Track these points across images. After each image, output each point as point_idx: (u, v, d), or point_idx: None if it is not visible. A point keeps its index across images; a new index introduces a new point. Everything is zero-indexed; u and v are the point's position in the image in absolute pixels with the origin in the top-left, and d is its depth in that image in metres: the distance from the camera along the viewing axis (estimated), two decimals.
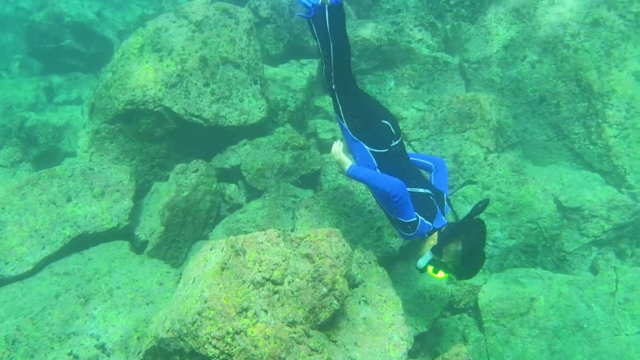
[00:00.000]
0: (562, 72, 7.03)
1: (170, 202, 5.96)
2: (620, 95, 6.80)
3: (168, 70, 6.40)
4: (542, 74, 7.17)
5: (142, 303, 5.21)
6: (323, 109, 7.65)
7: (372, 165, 4.67)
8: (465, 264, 4.21)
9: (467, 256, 4.18)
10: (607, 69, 6.84)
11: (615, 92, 6.80)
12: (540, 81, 7.19)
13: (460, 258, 4.19)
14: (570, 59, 6.96)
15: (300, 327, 4.01)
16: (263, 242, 4.24)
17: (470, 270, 4.25)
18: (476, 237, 4.20)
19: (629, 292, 6.08)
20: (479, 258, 4.22)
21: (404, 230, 4.45)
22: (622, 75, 6.84)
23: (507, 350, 5.75)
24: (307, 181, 6.81)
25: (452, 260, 4.25)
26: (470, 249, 4.17)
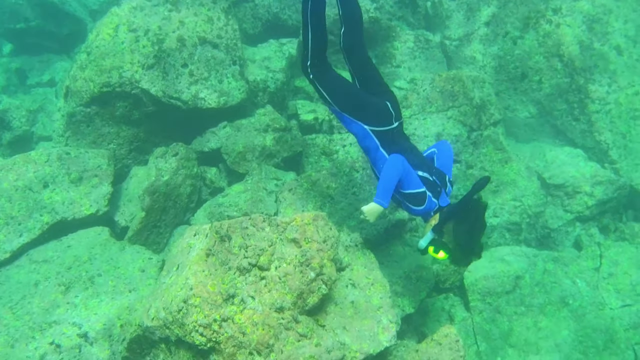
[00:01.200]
0: (544, 47, 7.00)
1: (150, 186, 5.84)
2: (603, 70, 6.80)
3: (144, 51, 6.24)
4: (524, 50, 7.14)
5: (124, 290, 5.13)
6: (303, 90, 7.54)
7: (373, 144, 4.55)
8: (464, 243, 4.16)
9: (465, 235, 4.14)
10: (590, 44, 6.83)
11: (598, 67, 6.80)
12: (522, 57, 7.17)
13: (459, 237, 4.15)
14: (552, 34, 6.93)
15: (289, 312, 3.96)
16: (248, 227, 4.16)
17: (469, 250, 4.21)
18: (475, 215, 4.15)
19: (612, 267, 6.13)
20: (477, 237, 4.18)
21: (414, 204, 4.35)
22: (604, 50, 6.84)
23: (493, 329, 5.77)
24: (289, 163, 6.72)
25: (451, 241, 4.20)
26: (468, 228, 4.13)
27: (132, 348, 4.34)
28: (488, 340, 5.75)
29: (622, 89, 6.87)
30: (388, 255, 5.84)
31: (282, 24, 7.96)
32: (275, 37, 7.84)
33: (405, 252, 5.89)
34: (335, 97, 4.65)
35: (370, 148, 4.58)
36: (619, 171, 6.69)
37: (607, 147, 6.77)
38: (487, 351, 5.72)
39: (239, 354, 3.84)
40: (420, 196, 4.30)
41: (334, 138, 6.71)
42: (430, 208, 4.36)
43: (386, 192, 4.18)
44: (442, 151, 4.87)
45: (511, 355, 5.71)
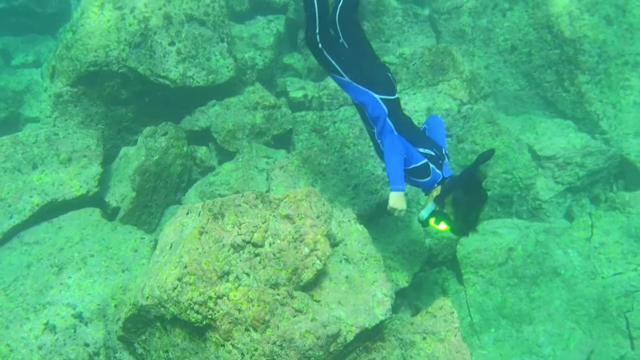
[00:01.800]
0: (534, 19, 6.97)
1: (140, 166, 5.80)
2: (592, 40, 6.78)
3: (131, 29, 6.17)
4: (514, 22, 7.11)
5: (117, 270, 5.12)
6: (292, 67, 7.50)
7: (382, 113, 4.49)
8: (463, 215, 4.15)
9: (465, 207, 4.13)
10: (579, 14, 6.80)
11: (587, 37, 6.78)
12: (511, 30, 7.14)
13: (459, 208, 4.14)
14: (542, 5, 6.89)
15: (284, 288, 3.97)
16: (241, 205, 4.14)
17: (468, 222, 4.19)
18: (475, 187, 4.13)
19: (604, 237, 6.16)
20: (477, 209, 4.17)
21: (419, 177, 4.35)
22: (593, 20, 6.82)
23: (486, 301, 5.80)
24: (279, 141, 6.69)
25: (452, 212, 4.18)
26: (469, 199, 4.12)
27: (127, 327, 4.35)
28: (481, 312, 5.79)
29: (611, 58, 6.86)
30: (380, 230, 5.84)
31: (269, 1, 7.88)
32: (263, 14, 7.78)
33: (397, 227, 5.89)
34: (345, 66, 4.59)
35: (380, 117, 4.51)
36: (610, 141, 6.70)
37: (597, 117, 6.77)
38: (481, 323, 5.76)
39: (235, 331, 3.85)
40: (423, 169, 4.30)
41: (324, 115, 6.68)
42: (435, 179, 4.35)
43: (398, 177, 4.19)
44: (434, 125, 4.86)
45: (504, 327, 5.75)
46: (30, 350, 4.53)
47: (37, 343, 4.58)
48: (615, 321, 5.82)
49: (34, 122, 7.39)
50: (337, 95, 6.71)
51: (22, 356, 4.51)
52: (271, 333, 3.84)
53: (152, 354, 4.27)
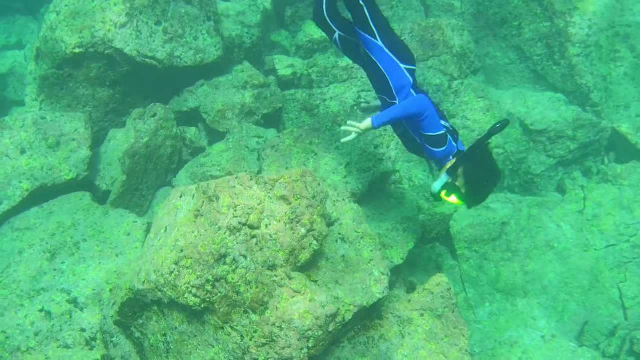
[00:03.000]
0: None
1: (130, 149, 5.74)
2: (583, 12, 6.75)
3: (116, 9, 6.05)
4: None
5: (111, 255, 5.08)
6: (280, 44, 7.42)
7: (408, 82, 4.46)
8: (475, 185, 4.11)
9: (476, 178, 4.09)
10: None
11: (578, 9, 6.75)
12: (501, 3, 7.08)
13: (470, 179, 4.10)
14: None
15: (281, 270, 3.95)
16: (236, 187, 4.10)
17: (479, 191, 4.15)
18: (486, 159, 4.10)
19: (596, 209, 6.21)
20: (488, 180, 4.13)
21: (436, 145, 4.27)
22: None
23: (481, 275, 5.84)
24: (269, 120, 6.64)
25: (463, 184, 4.14)
26: (478, 171, 4.08)
27: (123, 312, 4.32)
28: (476, 287, 5.84)
29: (602, 30, 6.84)
30: (374, 208, 5.84)
31: None
32: None
33: (390, 205, 5.89)
34: (380, 29, 4.55)
35: (404, 87, 4.46)
36: (601, 114, 6.72)
37: (588, 90, 6.77)
38: (476, 298, 5.81)
39: (233, 313, 3.84)
40: (441, 138, 4.23)
41: (314, 93, 6.63)
42: (451, 151, 4.29)
43: (389, 117, 4.17)
44: None
45: (499, 300, 5.80)
46: (27, 337, 4.51)
47: (33, 329, 4.56)
48: (608, 292, 5.89)
49: (19, 106, 7.29)
50: (327, 73, 6.66)
51: (19, 343, 4.49)
52: (270, 314, 3.82)
53: (150, 337, 4.25)
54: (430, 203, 6.19)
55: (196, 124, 6.50)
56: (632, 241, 6.05)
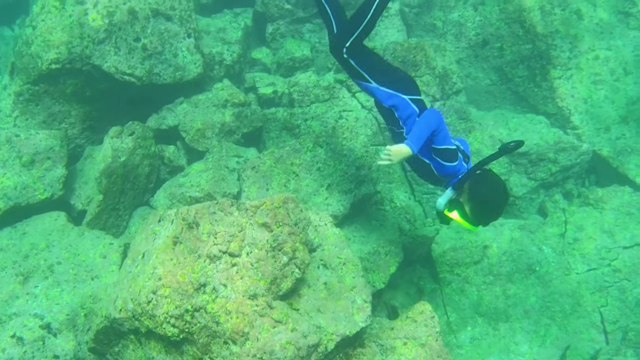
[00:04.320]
0: (506, 13, 6.92)
1: (107, 168, 5.60)
2: (564, 35, 6.77)
3: (94, 25, 5.94)
4: (485, 16, 7.05)
5: (86, 278, 4.96)
6: (260, 61, 7.34)
7: (414, 112, 4.38)
8: (479, 202, 3.98)
9: (481, 194, 3.97)
10: (550, 9, 6.78)
11: (559, 32, 6.76)
12: (483, 24, 7.08)
13: (475, 195, 3.99)
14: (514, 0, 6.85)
15: (263, 299, 3.86)
16: (216, 213, 4.01)
17: (484, 210, 4.00)
18: (493, 176, 4.02)
19: (577, 232, 6.21)
20: (494, 199, 3.99)
21: (447, 159, 4.16)
22: (565, 15, 6.80)
23: (463, 299, 5.80)
24: (249, 139, 6.56)
25: (467, 199, 4.02)
26: (484, 188, 3.97)
27: (99, 339, 4.21)
28: (458, 311, 5.79)
29: (582, 53, 6.87)
30: (355, 230, 5.78)
31: None
32: (229, 7, 7.59)
33: (372, 226, 5.84)
34: (373, 73, 4.52)
35: (411, 117, 4.38)
36: (582, 136, 6.72)
37: (569, 113, 6.78)
38: (457, 321, 5.76)
39: (213, 344, 3.74)
40: (453, 152, 4.15)
41: (295, 112, 6.56)
42: (461, 169, 4.18)
43: (419, 138, 4.01)
44: None
45: (481, 325, 5.76)
46: None
47: (5, 356, 4.43)
48: (590, 316, 5.88)
49: None
50: (308, 92, 6.60)
51: None
52: (251, 346, 3.72)
53: None
54: (412, 224, 6.15)
55: (175, 142, 6.39)
56: (613, 265, 6.05)
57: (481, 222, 4.07)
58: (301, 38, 7.43)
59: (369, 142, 6.21)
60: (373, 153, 5.99)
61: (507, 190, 4.03)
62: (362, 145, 5.96)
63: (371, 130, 6.48)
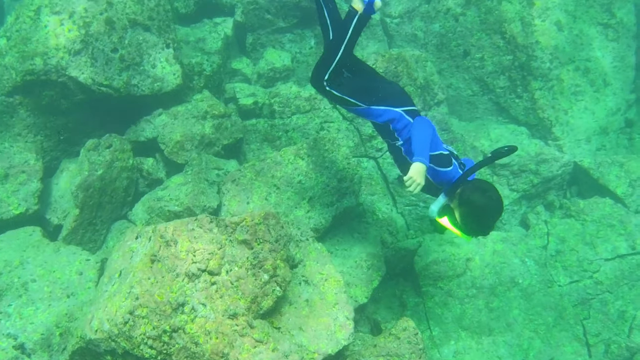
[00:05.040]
0: (486, 24, 6.90)
1: (83, 182, 5.49)
2: (544, 46, 6.76)
3: (70, 36, 5.82)
4: (466, 27, 7.02)
5: (61, 296, 4.83)
6: (240, 72, 7.25)
7: (409, 124, 4.25)
8: (470, 209, 3.82)
9: (471, 201, 3.80)
10: (531, 20, 6.77)
11: (539, 43, 6.75)
12: (464, 35, 7.05)
13: (465, 201, 3.83)
14: (494, 10, 6.83)
15: (243, 318, 3.77)
16: (195, 229, 3.93)
17: (474, 218, 3.85)
18: (486, 183, 3.91)
19: (560, 244, 6.20)
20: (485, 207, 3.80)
21: (441, 165, 4.04)
22: (545, 26, 6.80)
23: (445, 312, 5.75)
24: (230, 151, 6.46)
25: (458, 204, 3.88)
26: (476, 194, 3.81)
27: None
28: (441, 325, 5.74)
29: (563, 64, 6.87)
30: (337, 243, 5.72)
31: (216, 2, 7.60)
32: (209, 16, 7.49)
33: (354, 239, 5.78)
34: (359, 96, 4.43)
35: (406, 127, 4.27)
36: (563, 148, 6.72)
37: (550, 124, 6.77)
38: (441, 335, 5.70)
39: None
40: (446, 157, 4.06)
41: (276, 123, 6.49)
42: (456, 175, 4.06)
43: (424, 149, 3.84)
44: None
45: (464, 338, 5.71)
46: None
47: None
48: (572, 329, 5.86)
49: None
50: (289, 103, 6.53)
51: None
52: None
53: None
54: (394, 237, 6.10)
55: (154, 154, 6.28)
56: (595, 277, 6.05)
57: (471, 229, 3.92)
58: (282, 48, 7.37)
59: (350, 153, 6.14)
60: (355, 165, 5.92)
61: (499, 199, 3.85)
62: (344, 157, 5.88)
63: (353, 142, 6.43)
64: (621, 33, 7.26)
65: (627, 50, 7.29)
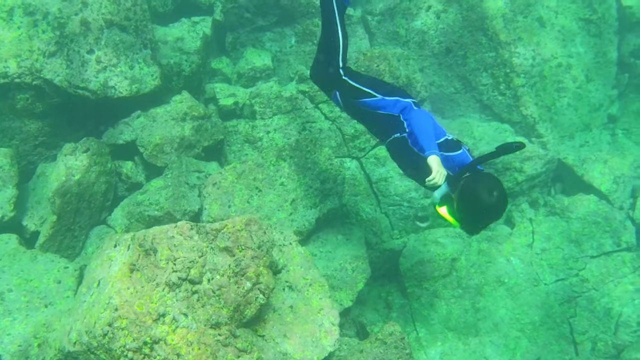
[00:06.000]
0: (468, 21, 6.83)
1: (60, 187, 5.35)
2: (527, 42, 6.74)
3: (45, 37, 5.68)
4: (448, 24, 6.95)
5: (39, 305, 4.70)
6: (220, 71, 7.13)
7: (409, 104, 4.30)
8: (469, 200, 3.64)
9: (473, 192, 3.62)
10: (513, 16, 6.73)
11: (522, 39, 6.72)
12: (446, 32, 6.98)
13: (466, 192, 3.65)
14: (476, 7, 6.76)
15: (226, 327, 3.68)
16: (175, 237, 3.82)
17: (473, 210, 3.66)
18: (491, 176, 3.75)
19: (545, 242, 6.18)
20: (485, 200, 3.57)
21: (450, 149, 3.98)
22: (527, 22, 6.77)
23: (432, 314, 5.70)
24: (210, 153, 6.35)
25: (457, 198, 3.69)
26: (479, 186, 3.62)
27: None
28: (427, 326, 5.69)
29: (546, 61, 6.83)
30: (321, 245, 5.64)
31: (194, 1, 7.46)
32: (187, 15, 7.34)
33: (338, 241, 5.71)
34: (374, 86, 4.44)
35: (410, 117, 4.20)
36: (547, 145, 6.69)
37: (533, 121, 6.73)
38: (427, 337, 5.66)
39: None
40: (453, 142, 4.04)
41: (257, 124, 6.38)
42: (466, 158, 3.99)
43: (432, 141, 3.80)
44: None
45: (451, 339, 5.66)
46: None
47: None
48: (559, 328, 5.84)
49: None
50: (271, 104, 6.43)
51: None
52: None
53: None
54: (378, 237, 6.05)
55: (132, 157, 6.15)
56: (580, 275, 6.03)
57: (468, 223, 3.76)
58: (262, 47, 7.26)
59: (333, 154, 6.06)
60: (338, 165, 5.84)
61: (504, 200, 3.63)
62: (327, 158, 5.81)
63: (335, 142, 6.35)
64: (603, 28, 7.24)
65: (609, 45, 7.27)
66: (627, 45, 7.40)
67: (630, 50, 7.40)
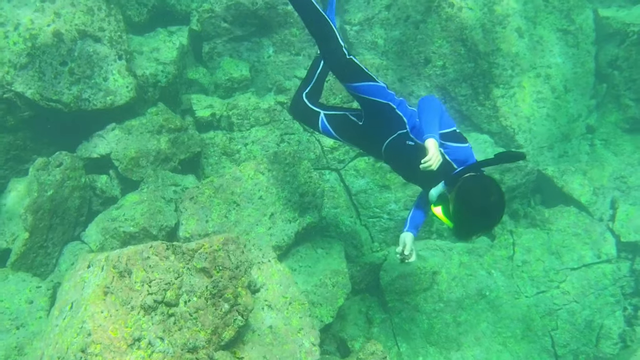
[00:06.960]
0: (447, 32, 6.79)
1: (32, 204, 5.21)
2: (505, 53, 6.71)
3: (16, 49, 5.54)
4: (427, 34, 6.89)
5: (10, 327, 4.57)
6: (197, 82, 7.02)
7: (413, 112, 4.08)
8: (464, 203, 3.47)
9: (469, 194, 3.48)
10: (491, 27, 6.71)
11: (501, 50, 6.70)
12: (425, 42, 6.93)
13: (463, 194, 3.49)
14: (455, 18, 6.72)
15: (203, 351, 3.58)
16: (150, 257, 3.72)
17: (467, 215, 3.50)
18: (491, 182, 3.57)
19: (525, 255, 6.16)
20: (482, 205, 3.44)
21: (456, 140, 3.84)
22: (506, 33, 6.74)
23: (413, 328, 5.64)
24: (187, 165, 6.23)
25: (454, 196, 3.53)
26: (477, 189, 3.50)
27: None
28: (408, 341, 5.62)
29: (524, 71, 6.82)
30: (300, 260, 5.55)
31: (170, 10, 7.34)
32: (163, 25, 7.23)
33: (318, 255, 5.63)
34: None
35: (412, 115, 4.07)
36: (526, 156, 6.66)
37: (513, 132, 6.72)
38: (408, 352, 5.59)
39: None
40: (459, 134, 3.89)
41: (235, 136, 6.29)
42: (471, 155, 3.86)
43: (434, 126, 3.62)
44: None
45: (433, 354, 5.60)
46: None
47: None
48: (540, 341, 5.82)
49: None
50: (248, 115, 6.34)
51: None
52: None
53: None
54: (358, 250, 6.00)
55: (107, 171, 6.01)
56: (561, 287, 6.02)
57: (460, 226, 3.57)
58: (239, 57, 7.16)
59: (312, 166, 5.97)
60: (317, 178, 5.77)
61: (501, 207, 3.49)
62: (306, 171, 5.73)
63: (314, 154, 6.28)
64: (580, 39, 7.25)
65: (586, 56, 7.29)
66: (604, 56, 7.42)
67: (608, 61, 7.42)
